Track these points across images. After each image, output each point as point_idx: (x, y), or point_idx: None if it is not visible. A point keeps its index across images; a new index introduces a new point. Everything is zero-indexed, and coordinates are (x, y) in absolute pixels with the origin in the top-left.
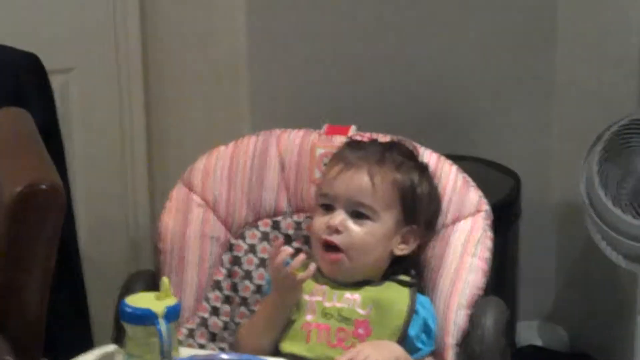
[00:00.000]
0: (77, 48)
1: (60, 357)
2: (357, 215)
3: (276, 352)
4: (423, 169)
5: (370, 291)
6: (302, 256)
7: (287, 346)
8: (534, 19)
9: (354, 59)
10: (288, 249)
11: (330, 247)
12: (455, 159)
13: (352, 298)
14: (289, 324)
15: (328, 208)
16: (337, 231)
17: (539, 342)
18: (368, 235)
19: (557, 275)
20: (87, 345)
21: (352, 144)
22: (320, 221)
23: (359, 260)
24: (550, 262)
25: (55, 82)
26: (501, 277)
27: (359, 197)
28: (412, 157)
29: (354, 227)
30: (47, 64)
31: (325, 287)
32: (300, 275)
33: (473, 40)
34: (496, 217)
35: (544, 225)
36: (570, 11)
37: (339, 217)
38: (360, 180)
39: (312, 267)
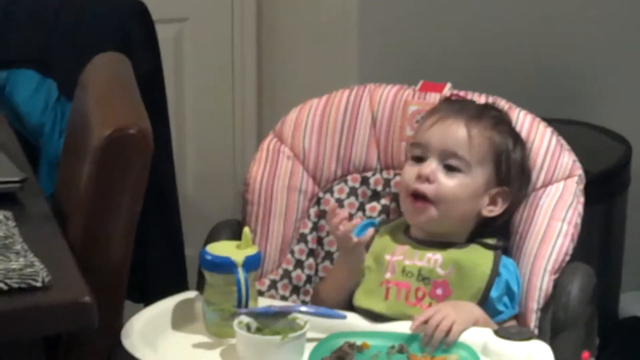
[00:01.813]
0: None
1: (155, 300)
2: (449, 168)
3: (353, 307)
4: (518, 135)
5: (453, 252)
6: (370, 231)
7: (366, 302)
8: None
9: (462, 17)
10: (344, 212)
11: (419, 196)
12: (563, 123)
13: (434, 258)
14: (367, 280)
15: (419, 160)
16: (427, 180)
17: None
18: (458, 189)
19: None
20: (183, 291)
21: (449, 100)
22: (411, 171)
23: (447, 214)
24: None
25: (169, 31)
26: (607, 246)
27: (454, 148)
28: (508, 121)
29: (445, 179)
30: (161, 13)
31: (407, 247)
32: (356, 239)
33: (583, 2)
34: (604, 185)
35: None
36: None
37: (431, 165)
38: (456, 132)
39: (370, 231)
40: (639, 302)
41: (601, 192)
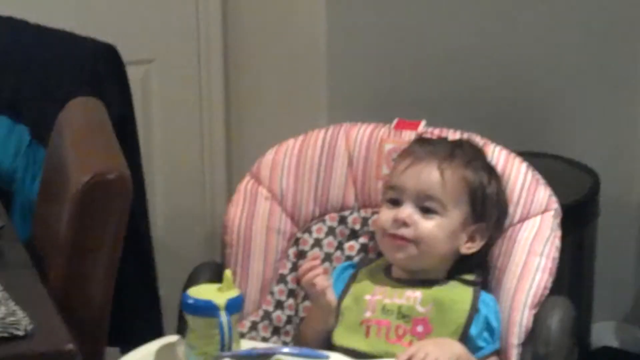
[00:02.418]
0: (158, 39)
1: (130, 345)
2: (425, 210)
3: (335, 347)
4: (492, 169)
5: (432, 290)
6: (325, 280)
7: (346, 341)
8: (618, 12)
9: (433, 53)
10: (314, 263)
11: (398, 238)
12: (531, 156)
13: (414, 295)
14: (347, 319)
15: (395, 203)
16: (404, 224)
17: (615, 344)
18: (436, 230)
19: (635, 276)
20: (158, 335)
21: (422, 140)
22: (387, 215)
23: (426, 253)
24: (630, 262)
25: (136, 73)
26: (578, 277)
27: (428, 191)
28: (481, 156)
29: (422, 221)
30: (128, 55)
31: (386, 288)
32: (316, 286)
33: (551, 34)
34: (574, 216)
35: (624, 224)
36: None
37: (407, 210)
38: (429, 174)
39: (330, 280)
40: (610, 332)
41: (571, 223)
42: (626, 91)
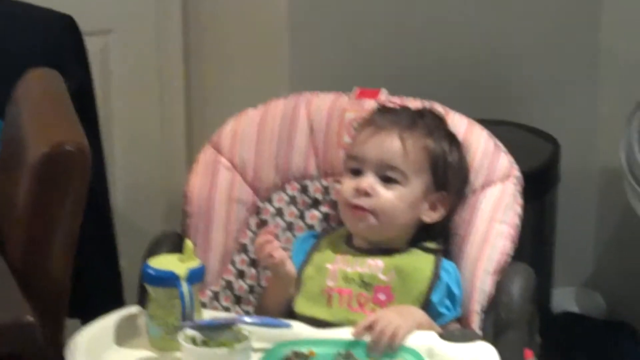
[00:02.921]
0: (117, 10)
1: (91, 317)
2: (387, 179)
3: (297, 316)
4: (453, 137)
5: (394, 258)
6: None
7: (308, 310)
8: None
9: (392, 21)
10: (269, 237)
11: (359, 209)
12: (493, 124)
13: (375, 264)
14: (309, 288)
15: (356, 172)
16: (366, 194)
17: (575, 309)
18: (397, 200)
19: (595, 242)
20: (119, 306)
21: (383, 109)
22: (349, 185)
23: (387, 223)
24: (590, 228)
25: (95, 44)
26: (538, 243)
27: (389, 160)
28: (442, 124)
29: (383, 191)
30: (86, 26)
31: (348, 256)
32: (274, 258)
33: (510, 1)
34: (534, 183)
35: (584, 191)
36: None
37: (368, 179)
38: (391, 144)
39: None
40: (571, 297)
41: (532, 190)
42: (586, 58)
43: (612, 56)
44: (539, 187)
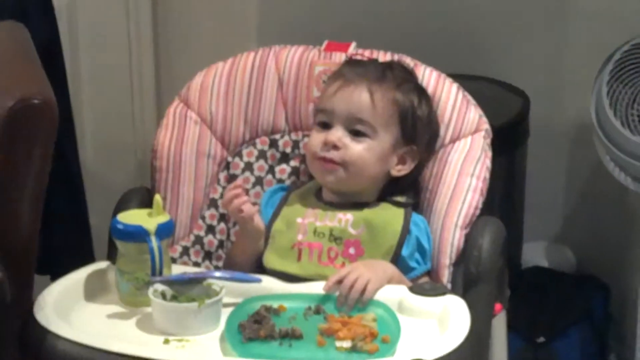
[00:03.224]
0: None
1: (61, 274)
2: (355, 133)
3: (267, 270)
4: (422, 90)
5: (364, 212)
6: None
7: (278, 264)
8: None
9: None
10: (238, 191)
11: (327, 162)
12: (462, 78)
13: (345, 218)
14: (278, 242)
15: (325, 125)
16: (334, 147)
17: (544, 263)
18: (366, 152)
19: (565, 196)
20: (89, 263)
21: (352, 62)
22: (317, 138)
23: (356, 176)
24: (559, 182)
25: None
26: (508, 198)
27: (358, 114)
28: (412, 77)
29: (351, 143)
30: None
31: (318, 210)
32: (243, 212)
33: None
34: (504, 138)
35: (554, 146)
36: None
37: (337, 133)
38: (359, 97)
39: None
40: (541, 252)
41: (502, 144)
42: (555, 12)
43: (580, 8)
44: (508, 141)
